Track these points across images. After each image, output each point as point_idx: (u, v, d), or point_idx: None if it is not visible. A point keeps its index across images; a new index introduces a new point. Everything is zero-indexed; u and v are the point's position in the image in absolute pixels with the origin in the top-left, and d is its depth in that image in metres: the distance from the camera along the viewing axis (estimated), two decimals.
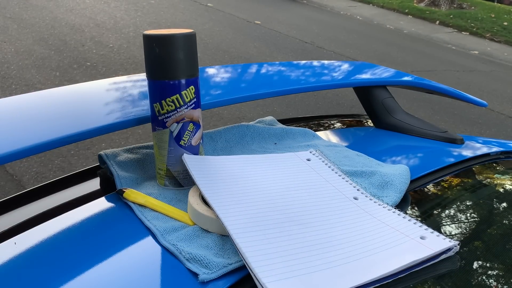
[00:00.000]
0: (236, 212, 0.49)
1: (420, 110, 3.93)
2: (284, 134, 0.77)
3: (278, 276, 0.40)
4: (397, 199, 0.58)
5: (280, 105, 3.56)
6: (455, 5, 9.63)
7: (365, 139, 0.86)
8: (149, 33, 0.55)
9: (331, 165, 0.64)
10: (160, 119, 0.57)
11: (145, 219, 0.52)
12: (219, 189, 0.53)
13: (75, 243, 0.49)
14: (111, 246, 0.48)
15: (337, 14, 8.49)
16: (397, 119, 0.88)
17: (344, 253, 0.45)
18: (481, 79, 5.43)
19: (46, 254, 0.47)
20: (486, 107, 1.34)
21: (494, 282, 0.46)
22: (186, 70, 0.55)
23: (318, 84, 0.82)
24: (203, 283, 0.43)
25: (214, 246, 0.48)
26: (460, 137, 0.83)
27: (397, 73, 0.96)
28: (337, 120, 1.00)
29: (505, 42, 7.86)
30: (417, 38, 7.36)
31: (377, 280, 0.42)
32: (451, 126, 3.71)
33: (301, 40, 5.76)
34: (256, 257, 0.42)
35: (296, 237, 0.47)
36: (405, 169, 0.64)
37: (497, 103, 4.59)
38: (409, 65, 5.42)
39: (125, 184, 0.59)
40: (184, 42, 0.54)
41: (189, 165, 0.56)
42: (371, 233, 0.49)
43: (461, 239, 0.54)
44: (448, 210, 0.61)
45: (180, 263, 0.45)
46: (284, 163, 0.63)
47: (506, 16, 9.25)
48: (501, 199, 0.66)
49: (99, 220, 0.53)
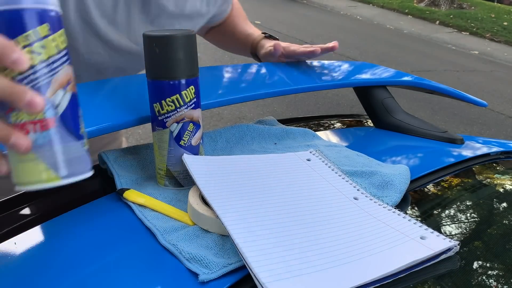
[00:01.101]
0: (236, 212, 0.49)
1: (420, 110, 3.94)
2: (284, 134, 0.77)
3: (278, 276, 0.40)
4: (397, 199, 0.58)
5: (280, 105, 3.56)
6: (455, 5, 9.63)
7: (365, 139, 0.86)
8: (149, 33, 0.55)
9: (331, 165, 0.64)
10: (160, 119, 0.57)
11: (145, 219, 0.52)
12: (219, 189, 0.54)
13: (75, 243, 0.49)
14: (111, 246, 0.48)
15: (337, 14, 8.50)
16: (397, 119, 0.88)
17: (344, 253, 0.45)
18: (481, 79, 5.44)
19: (46, 254, 0.47)
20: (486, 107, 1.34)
21: (494, 282, 0.46)
22: (186, 70, 0.55)
23: (318, 84, 0.82)
24: (203, 283, 0.43)
25: (214, 246, 0.48)
26: (460, 137, 0.84)
27: (397, 73, 0.96)
28: (337, 120, 1.00)
29: (505, 42, 7.87)
30: (417, 38, 7.36)
31: (377, 280, 0.42)
32: (451, 126, 3.71)
33: (301, 40, 5.76)
34: (256, 257, 0.42)
35: (296, 237, 0.47)
36: (405, 169, 0.64)
37: (497, 103, 4.59)
38: (409, 65, 5.43)
39: (125, 184, 0.59)
40: (184, 42, 0.54)
41: (189, 165, 0.56)
42: (371, 233, 0.49)
43: (461, 239, 0.54)
44: (448, 210, 0.61)
45: (180, 263, 0.45)
46: (284, 163, 0.63)
47: (506, 16, 9.25)
48: (501, 199, 0.66)
49: (99, 220, 0.53)
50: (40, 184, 0.39)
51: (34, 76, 0.37)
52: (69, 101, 0.40)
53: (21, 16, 0.36)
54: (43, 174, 0.39)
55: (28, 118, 0.38)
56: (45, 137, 0.38)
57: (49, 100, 0.38)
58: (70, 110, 0.40)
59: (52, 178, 0.39)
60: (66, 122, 0.39)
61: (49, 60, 0.38)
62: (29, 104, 0.36)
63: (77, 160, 0.41)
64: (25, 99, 0.35)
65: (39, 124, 0.38)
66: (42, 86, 0.37)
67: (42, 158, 0.38)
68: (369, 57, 5.48)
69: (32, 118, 0.38)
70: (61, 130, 0.39)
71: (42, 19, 0.37)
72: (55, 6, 0.38)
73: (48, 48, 0.37)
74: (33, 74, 0.37)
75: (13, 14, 0.36)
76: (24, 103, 0.35)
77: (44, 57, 0.37)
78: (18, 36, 0.36)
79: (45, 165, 0.39)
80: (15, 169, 0.39)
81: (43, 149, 0.38)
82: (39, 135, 0.38)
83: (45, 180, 0.39)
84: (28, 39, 0.36)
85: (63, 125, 0.39)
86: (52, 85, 0.38)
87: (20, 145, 0.37)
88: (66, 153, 0.39)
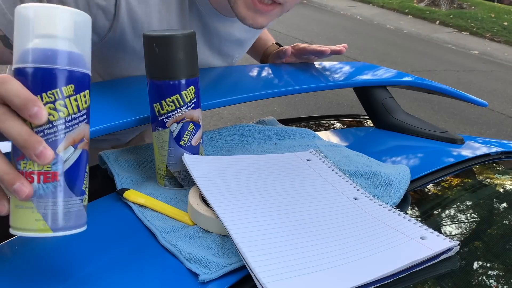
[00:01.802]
0: (236, 212, 0.49)
1: (420, 110, 3.94)
2: (284, 134, 0.77)
3: (278, 276, 0.40)
4: (397, 199, 0.58)
5: (280, 105, 3.56)
6: (455, 5, 9.63)
7: (365, 139, 0.86)
8: (149, 33, 0.55)
9: (331, 165, 0.64)
10: (160, 119, 0.57)
11: (145, 219, 0.52)
12: (219, 189, 0.54)
13: (75, 243, 0.49)
14: (111, 246, 0.48)
15: (337, 14, 8.50)
16: (397, 119, 0.88)
17: (344, 253, 0.45)
18: (481, 79, 5.44)
19: (46, 254, 0.47)
20: (486, 107, 1.34)
21: (494, 282, 0.46)
22: (186, 70, 0.55)
23: (318, 84, 0.82)
24: (203, 283, 0.43)
25: (214, 246, 0.48)
26: (460, 137, 0.84)
27: (397, 73, 0.96)
28: (337, 120, 1.00)
29: (505, 42, 7.86)
30: (417, 38, 7.36)
31: (377, 280, 0.42)
32: (451, 126, 3.71)
33: (301, 40, 5.76)
34: (256, 257, 0.42)
35: (296, 237, 0.47)
36: (405, 169, 0.64)
37: (497, 103, 4.59)
38: (409, 65, 5.43)
39: (125, 184, 0.59)
40: (184, 42, 0.54)
41: (189, 165, 0.56)
42: (371, 233, 0.49)
43: (461, 239, 0.54)
44: (448, 210, 0.61)
45: (180, 263, 0.45)
46: (284, 163, 0.63)
47: (506, 16, 9.25)
48: (501, 199, 0.66)
49: (99, 220, 0.53)
50: (31, 232, 0.40)
51: (50, 131, 0.39)
52: (78, 158, 0.41)
53: (50, 75, 0.38)
54: (35, 224, 0.40)
55: (35, 168, 0.39)
56: (46, 188, 0.39)
57: (59, 155, 0.40)
58: (76, 166, 0.41)
59: (44, 229, 0.40)
60: (71, 177, 0.41)
61: (67, 118, 0.40)
62: (39, 155, 0.38)
63: (72, 215, 0.41)
64: (37, 150, 0.38)
65: (44, 175, 0.39)
66: (55, 141, 0.39)
67: (38, 208, 0.39)
68: (369, 57, 5.48)
69: (40, 168, 0.39)
70: (63, 185, 0.40)
71: (69, 80, 0.39)
72: (85, 69, 0.41)
73: (69, 107, 0.40)
74: (50, 129, 0.39)
75: (43, 72, 0.38)
76: (36, 153, 0.38)
77: (63, 114, 0.39)
78: (43, 92, 0.38)
79: (40, 216, 0.39)
80: (12, 213, 0.40)
81: (42, 200, 0.39)
82: (41, 185, 0.39)
83: (37, 229, 0.40)
84: (51, 97, 0.39)
85: (66, 180, 0.40)
86: (64, 141, 0.40)
87: (22, 192, 0.38)
88: (62, 207, 0.40)
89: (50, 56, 0.38)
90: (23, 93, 0.37)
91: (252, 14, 0.66)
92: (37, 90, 0.38)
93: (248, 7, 0.66)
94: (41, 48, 0.38)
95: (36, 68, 0.38)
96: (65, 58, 0.39)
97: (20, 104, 0.37)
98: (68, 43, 0.39)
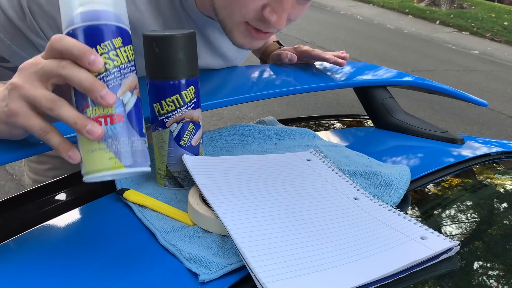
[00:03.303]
0: (236, 212, 0.49)
1: (420, 110, 3.94)
2: (284, 134, 0.77)
3: (278, 276, 0.40)
4: (397, 199, 0.58)
5: (280, 105, 3.57)
6: (455, 5, 9.63)
7: (365, 139, 0.86)
8: (149, 33, 0.55)
9: (331, 166, 0.64)
10: (160, 119, 0.57)
11: (145, 219, 0.52)
12: (219, 189, 0.53)
13: (75, 243, 0.49)
14: (111, 246, 0.48)
15: (337, 14, 8.50)
16: (397, 119, 0.88)
17: (344, 253, 0.45)
18: (481, 79, 5.43)
19: (46, 254, 0.47)
20: (486, 106, 1.34)
21: (494, 282, 0.46)
22: (186, 70, 0.55)
23: (318, 84, 0.82)
24: (203, 283, 0.43)
25: (214, 246, 0.48)
26: (460, 137, 0.83)
27: (397, 73, 0.96)
28: (337, 120, 1.00)
29: (505, 42, 7.86)
30: (417, 38, 7.36)
31: (377, 280, 0.42)
32: (451, 126, 3.71)
33: (301, 39, 5.76)
34: (256, 257, 0.42)
35: (297, 237, 0.47)
36: (405, 169, 0.64)
37: (497, 103, 4.59)
38: (409, 65, 5.43)
39: (125, 184, 0.59)
40: (184, 42, 0.54)
41: (189, 165, 0.56)
42: (371, 233, 0.49)
43: (461, 239, 0.54)
44: (448, 210, 0.61)
45: (180, 263, 0.45)
46: (284, 163, 0.63)
47: (507, 16, 9.25)
48: (501, 199, 0.66)
49: (99, 220, 0.53)
50: (106, 171, 0.43)
51: (108, 78, 0.44)
52: (135, 102, 0.46)
53: (101, 30, 0.44)
54: (109, 162, 0.43)
55: (101, 112, 0.43)
56: (114, 129, 0.44)
57: (119, 98, 0.44)
58: (135, 109, 0.45)
59: (117, 166, 0.44)
60: (132, 119, 0.45)
61: (121, 66, 0.44)
62: (104, 96, 0.42)
63: (139, 153, 0.45)
64: (102, 92, 0.42)
65: (110, 118, 0.44)
66: (114, 87, 0.44)
67: (110, 148, 0.44)
68: (369, 57, 5.48)
69: (105, 112, 0.43)
70: (128, 125, 0.45)
71: (117, 34, 0.44)
72: (127, 26, 0.46)
73: (120, 57, 0.45)
74: (107, 76, 0.44)
75: (95, 28, 0.43)
76: (101, 94, 0.42)
77: (117, 63, 0.44)
78: (97, 45, 0.43)
79: (112, 154, 0.44)
80: (84, 159, 0.44)
81: (111, 140, 0.44)
82: (109, 127, 0.44)
83: (111, 167, 0.44)
84: (105, 48, 0.44)
85: (129, 121, 0.45)
86: (122, 87, 0.44)
87: (95, 132, 0.42)
88: (130, 145, 0.45)
89: (98, 14, 0.43)
90: (80, 44, 0.42)
91: (249, 40, 0.67)
92: (91, 44, 0.43)
93: (245, 36, 0.66)
94: (89, 10, 0.43)
95: (88, 26, 0.43)
96: (111, 15, 0.44)
97: (79, 53, 0.42)
98: (111, 5, 0.44)
